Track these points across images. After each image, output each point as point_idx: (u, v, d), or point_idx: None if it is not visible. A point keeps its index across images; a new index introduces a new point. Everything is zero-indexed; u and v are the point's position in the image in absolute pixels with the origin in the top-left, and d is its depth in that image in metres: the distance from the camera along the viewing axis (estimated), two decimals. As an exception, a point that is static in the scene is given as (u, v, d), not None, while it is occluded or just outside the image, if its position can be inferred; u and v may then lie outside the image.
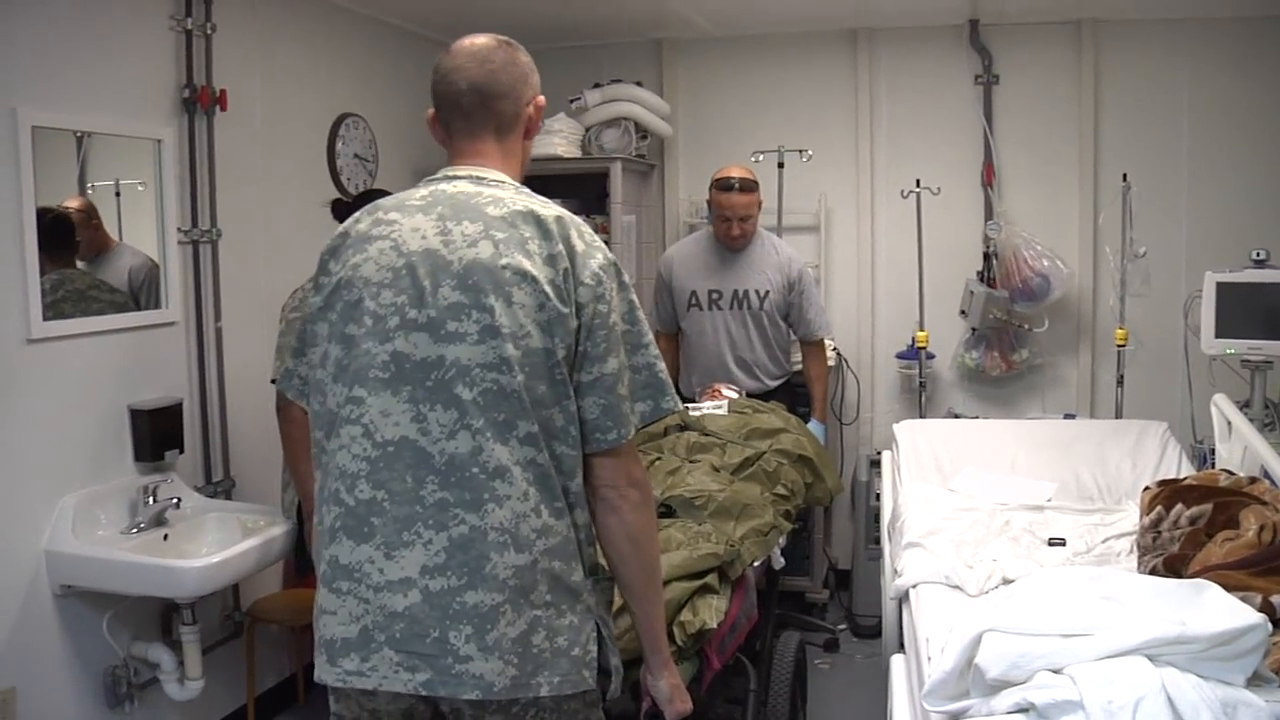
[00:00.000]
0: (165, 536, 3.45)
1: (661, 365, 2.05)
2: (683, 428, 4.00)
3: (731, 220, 4.64)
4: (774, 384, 4.81)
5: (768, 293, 4.71)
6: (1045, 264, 5.07)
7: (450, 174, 2.07)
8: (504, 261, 1.90)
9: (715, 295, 4.75)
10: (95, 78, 3.41)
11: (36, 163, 3.17)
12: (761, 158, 5.15)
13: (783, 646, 3.66)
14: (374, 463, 1.90)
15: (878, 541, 4.77)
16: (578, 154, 5.26)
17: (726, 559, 3.01)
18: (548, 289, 1.90)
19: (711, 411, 4.18)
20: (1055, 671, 1.94)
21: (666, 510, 3.31)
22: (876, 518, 4.92)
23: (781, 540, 3.58)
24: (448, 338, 1.89)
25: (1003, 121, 5.35)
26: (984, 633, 2.06)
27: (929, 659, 2.50)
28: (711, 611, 2.79)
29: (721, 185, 4.66)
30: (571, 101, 5.30)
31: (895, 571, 3.33)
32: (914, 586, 3.10)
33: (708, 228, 4.89)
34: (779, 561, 3.63)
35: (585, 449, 1.97)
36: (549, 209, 2.00)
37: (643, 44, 5.70)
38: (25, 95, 3.15)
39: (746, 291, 4.72)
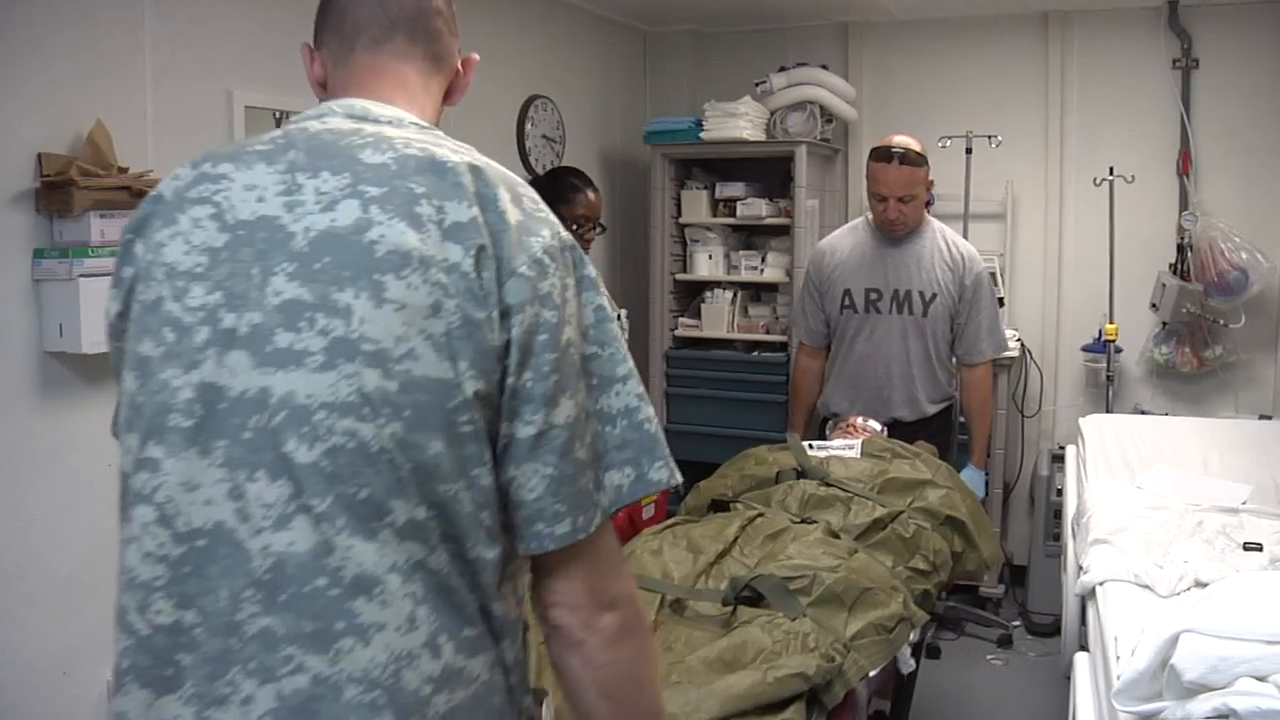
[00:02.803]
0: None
1: (649, 412, 1.29)
2: (800, 473, 3.18)
3: (888, 200, 3.84)
4: (934, 409, 4.03)
5: (934, 295, 3.92)
6: (1244, 257, 4.85)
7: (332, 107, 1.39)
8: (375, 233, 1.19)
9: (874, 295, 3.97)
10: (295, 60, 3.55)
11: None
12: (949, 143, 5.05)
13: None
14: (176, 566, 1.17)
15: (1056, 538, 4.67)
16: (762, 137, 5.25)
17: (819, 680, 2.15)
18: (448, 278, 1.18)
19: (839, 453, 3.35)
20: (1259, 679, 1.88)
21: (752, 597, 2.46)
22: (1056, 513, 4.81)
23: (913, 635, 2.69)
24: (275, 358, 1.16)
25: (1201, 108, 5.12)
26: (1181, 633, 2.01)
27: (1118, 658, 2.45)
28: None
29: (878, 154, 3.86)
30: (757, 85, 5.30)
31: (1080, 568, 3.25)
32: (1101, 584, 3.02)
33: (866, 214, 4.15)
34: (908, 664, 2.74)
35: (521, 546, 1.24)
36: (461, 154, 1.31)
37: (829, 27, 5.66)
38: (238, 78, 3.33)
39: (909, 292, 3.93)
